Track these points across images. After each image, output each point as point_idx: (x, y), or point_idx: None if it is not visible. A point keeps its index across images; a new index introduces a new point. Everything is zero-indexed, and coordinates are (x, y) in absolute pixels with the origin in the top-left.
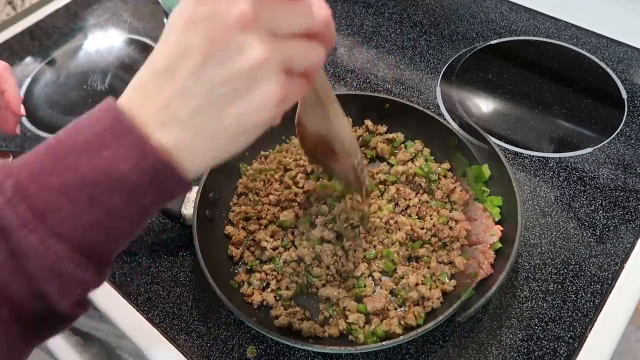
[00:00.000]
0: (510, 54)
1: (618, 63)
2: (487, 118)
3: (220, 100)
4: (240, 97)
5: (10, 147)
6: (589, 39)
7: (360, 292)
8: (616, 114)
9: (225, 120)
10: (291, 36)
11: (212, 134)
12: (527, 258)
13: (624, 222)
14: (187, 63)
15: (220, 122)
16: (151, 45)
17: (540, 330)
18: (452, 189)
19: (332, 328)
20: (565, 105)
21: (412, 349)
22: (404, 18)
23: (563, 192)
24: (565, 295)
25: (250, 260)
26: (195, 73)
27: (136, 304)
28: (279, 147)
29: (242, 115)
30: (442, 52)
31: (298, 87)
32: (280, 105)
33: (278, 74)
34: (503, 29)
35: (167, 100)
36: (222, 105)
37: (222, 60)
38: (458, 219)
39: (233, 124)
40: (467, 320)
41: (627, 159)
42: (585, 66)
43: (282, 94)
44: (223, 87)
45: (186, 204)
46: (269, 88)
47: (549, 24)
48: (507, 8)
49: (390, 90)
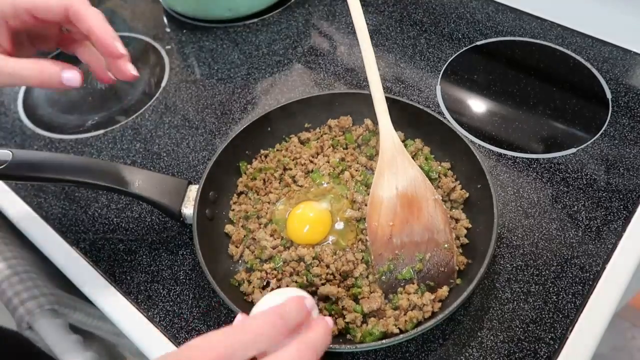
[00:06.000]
0: (493, 55)
1: (603, 63)
2: (472, 118)
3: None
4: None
5: (10, 146)
6: (574, 39)
7: (357, 293)
8: (600, 114)
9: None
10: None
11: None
12: (509, 260)
13: (606, 222)
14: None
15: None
16: (151, 44)
17: (521, 331)
18: (453, 188)
19: None
20: (550, 105)
21: (412, 347)
22: (404, 17)
23: (546, 193)
24: (547, 296)
25: (250, 259)
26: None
27: (136, 302)
28: (279, 146)
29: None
30: (442, 50)
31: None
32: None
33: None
34: (489, 29)
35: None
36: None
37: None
38: (458, 218)
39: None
40: (449, 321)
41: (610, 159)
42: (570, 66)
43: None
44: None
45: (186, 203)
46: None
47: (534, 24)
48: (493, 9)
49: (390, 88)
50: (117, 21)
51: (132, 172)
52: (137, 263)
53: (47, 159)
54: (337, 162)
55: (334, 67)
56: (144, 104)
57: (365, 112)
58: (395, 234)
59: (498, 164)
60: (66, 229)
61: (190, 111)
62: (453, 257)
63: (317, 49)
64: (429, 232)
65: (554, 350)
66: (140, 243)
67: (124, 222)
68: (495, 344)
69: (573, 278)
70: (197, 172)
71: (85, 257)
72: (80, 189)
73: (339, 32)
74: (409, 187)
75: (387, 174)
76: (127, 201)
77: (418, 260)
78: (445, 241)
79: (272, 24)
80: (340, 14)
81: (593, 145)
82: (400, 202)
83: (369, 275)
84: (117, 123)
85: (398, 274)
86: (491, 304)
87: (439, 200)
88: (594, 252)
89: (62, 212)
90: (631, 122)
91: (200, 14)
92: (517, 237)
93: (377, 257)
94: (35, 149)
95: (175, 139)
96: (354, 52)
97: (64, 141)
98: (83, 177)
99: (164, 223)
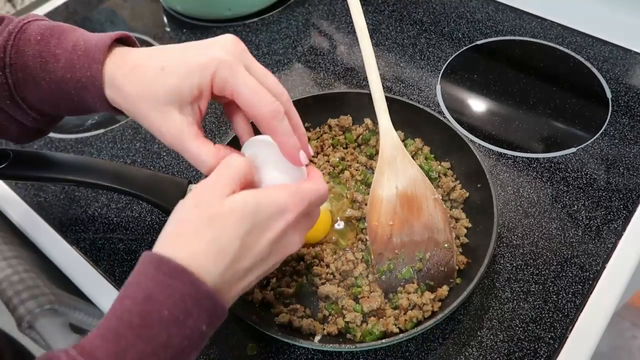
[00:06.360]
0: (494, 54)
1: (603, 62)
2: (472, 118)
3: (271, 268)
4: (278, 264)
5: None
6: (574, 38)
7: (357, 292)
8: (600, 113)
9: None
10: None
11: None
12: (508, 259)
13: (606, 222)
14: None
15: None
16: (150, 43)
17: (521, 331)
18: (452, 187)
19: (330, 326)
20: (550, 105)
21: (412, 346)
22: (404, 16)
23: (546, 192)
24: (547, 295)
25: None
26: (264, 259)
27: None
28: None
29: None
30: (442, 50)
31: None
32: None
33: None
34: (489, 28)
35: (240, 275)
36: (268, 272)
37: (278, 254)
38: (458, 218)
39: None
40: (448, 321)
41: (610, 158)
42: (570, 65)
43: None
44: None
45: None
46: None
47: (534, 23)
48: (493, 8)
49: (390, 88)
50: (117, 21)
51: (132, 172)
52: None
53: (47, 158)
54: (337, 162)
55: (334, 67)
56: None
57: (365, 111)
58: (395, 233)
59: (498, 164)
60: (66, 228)
61: None
62: (453, 256)
63: (317, 48)
64: (428, 232)
65: (553, 350)
66: (140, 242)
67: (124, 221)
68: (495, 344)
69: (573, 277)
70: (197, 172)
71: (85, 256)
72: (80, 189)
73: (339, 31)
74: (409, 186)
75: (387, 173)
76: (127, 201)
77: (418, 259)
78: (445, 240)
79: (272, 24)
80: (340, 13)
81: (593, 144)
82: (400, 201)
83: (369, 274)
84: (117, 122)
85: (398, 274)
86: (491, 304)
87: (439, 199)
88: (593, 252)
89: (62, 212)
90: (631, 121)
91: (200, 13)
92: (517, 236)
93: (377, 256)
94: (35, 148)
95: None
96: (353, 51)
97: (64, 140)
98: (83, 177)
99: (164, 222)
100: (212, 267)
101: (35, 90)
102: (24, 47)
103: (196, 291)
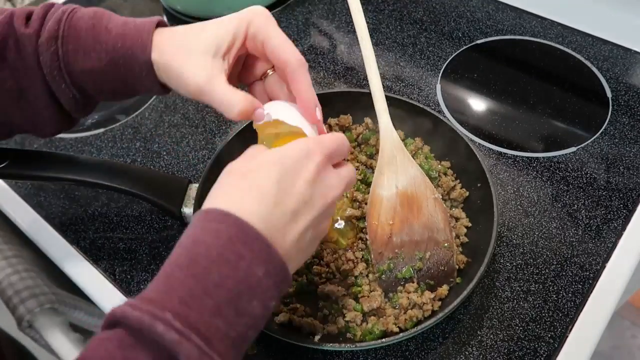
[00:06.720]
0: (494, 54)
1: (603, 62)
2: (472, 117)
3: (319, 223)
4: (329, 215)
5: (10, 144)
6: (574, 38)
7: (357, 291)
8: (600, 112)
9: (319, 229)
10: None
11: (311, 241)
12: (508, 258)
13: (606, 221)
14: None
15: (316, 232)
16: None
17: (521, 330)
18: (452, 187)
19: (330, 325)
20: (550, 104)
21: (412, 346)
22: (404, 15)
23: (546, 191)
24: (547, 295)
25: None
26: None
27: None
28: None
29: (326, 225)
30: (442, 49)
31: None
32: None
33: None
34: (489, 28)
35: (288, 218)
36: (319, 224)
37: (322, 197)
38: (458, 217)
39: (324, 230)
40: (448, 320)
41: (610, 158)
42: (570, 65)
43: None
44: (325, 220)
45: (186, 202)
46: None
47: (534, 22)
48: (493, 7)
49: (390, 87)
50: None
51: (132, 171)
52: (137, 262)
53: (47, 157)
54: None
55: (334, 66)
56: (144, 103)
57: (365, 110)
58: (395, 232)
59: (498, 163)
60: (66, 227)
61: (190, 110)
62: (453, 255)
63: (317, 47)
64: (428, 231)
65: (553, 349)
66: (140, 242)
67: (124, 220)
68: (495, 343)
69: (573, 277)
70: (198, 171)
71: (85, 255)
72: (80, 188)
73: (339, 30)
74: (409, 185)
75: (387, 172)
76: (127, 200)
77: (418, 259)
78: (445, 240)
79: None
80: (340, 12)
81: (593, 144)
82: (400, 200)
83: (369, 274)
84: (117, 122)
85: (398, 273)
86: (491, 303)
87: (439, 199)
88: (593, 251)
89: (62, 211)
90: (631, 120)
91: (200, 12)
92: (517, 235)
93: (377, 255)
94: (35, 147)
95: (175, 138)
96: (353, 50)
97: (64, 140)
98: (83, 176)
99: (164, 222)
100: (256, 209)
101: (83, 60)
102: (78, 22)
103: (243, 233)
